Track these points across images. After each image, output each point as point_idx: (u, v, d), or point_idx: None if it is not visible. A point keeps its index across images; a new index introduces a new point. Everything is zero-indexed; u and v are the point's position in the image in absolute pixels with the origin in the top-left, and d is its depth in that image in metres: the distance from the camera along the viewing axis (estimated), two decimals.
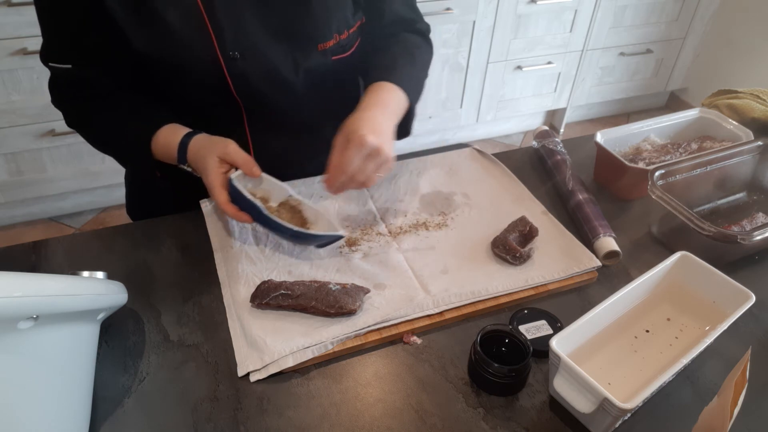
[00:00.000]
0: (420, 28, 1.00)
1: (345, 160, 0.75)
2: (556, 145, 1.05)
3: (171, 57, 0.82)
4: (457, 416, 0.65)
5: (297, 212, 0.86)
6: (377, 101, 0.83)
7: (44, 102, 1.80)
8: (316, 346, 0.69)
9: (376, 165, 0.76)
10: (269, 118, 0.93)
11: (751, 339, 0.76)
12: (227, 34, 0.81)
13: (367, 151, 0.75)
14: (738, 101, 1.14)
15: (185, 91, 0.88)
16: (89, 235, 0.88)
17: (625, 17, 2.50)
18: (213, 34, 0.80)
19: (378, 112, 0.81)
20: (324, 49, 0.88)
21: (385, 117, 0.81)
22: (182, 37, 0.79)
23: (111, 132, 0.89)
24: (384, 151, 0.76)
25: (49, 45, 0.83)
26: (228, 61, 0.83)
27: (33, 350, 0.53)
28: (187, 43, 0.80)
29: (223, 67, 0.83)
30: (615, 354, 0.70)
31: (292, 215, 0.85)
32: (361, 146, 0.74)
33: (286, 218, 0.82)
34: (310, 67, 0.89)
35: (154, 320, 0.74)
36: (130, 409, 0.64)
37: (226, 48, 0.82)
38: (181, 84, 0.87)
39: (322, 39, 0.87)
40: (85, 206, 2.17)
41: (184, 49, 0.81)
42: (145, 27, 0.79)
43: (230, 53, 0.82)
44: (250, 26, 0.82)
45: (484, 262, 0.83)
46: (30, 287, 0.50)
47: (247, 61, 0.84)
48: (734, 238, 0.78)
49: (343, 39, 0.90)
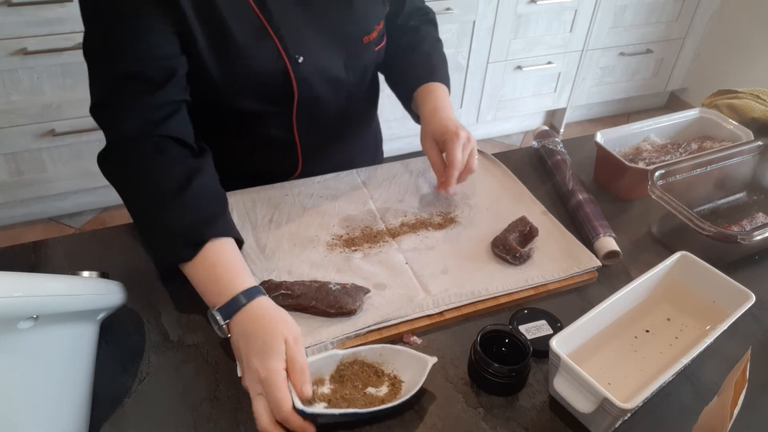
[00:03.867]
0: (432, 18, 1.08)
1: (453, 159, 0.86)
2: (556, 145, 1.05)
3: (243, 72, 0.82)
4: (457, 416, 0.65)
5: (362, 364, 0.68)
6: (439, 103, 0.94)
7: (44, 102, 1.80)
8: (316, 346, 0.69)
9: (472, 151, 0.88)
10: (316, 118, 0.94)
11: (751, 339, 0.76)
12: (287, 40, 0.82)
13: (463, 142, 0.86)
14: (738, 101, 1.14)
15: (243, 102, 0.86)
16: (89, 235, 0.88)
17: (625, 17, 2.50)
18: (277, 42, 0.81)
19: (446, 110, 0.93)
20: (369, 41, 0.91)
21: (450, 111, 0.93)
22: (252, 52, 0.80)
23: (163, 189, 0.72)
24: (472, 138, 0.89)
25: (113, 44, 0.73)
26: (294, 65, 0.84)
27: (33, 350, 0.53)
28: (257, 54, 0.81)
29: (290, 72, 0.84)
30: (615, 354, 0.70)
31: (360, 369, 0.68)
32: (458, 140, 0.86)
33: (351, 377, 0.66)
34: (358, 62, 0.93)
35: (154, 320, 0.74)
36: (130, 409, 0.64)
37: (290, 53, 0.83)
38: (242, 96, 0.85)
39: (366, 32, 0.90)
40: (85, 206, 2.17)
41: (255, 60, 0.81)
42: (221, 49, 0.79)
43: (295, 57, 0.84)
44: (305, 29, 0.84)
45: (484, 262, 0.83)
46: (30, 287, 0.50)
47: (308, 64, 0.85)
48: (734, 238, 0.78)
49: (381, 29, 0.94)
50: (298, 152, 0.97)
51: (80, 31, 0.74)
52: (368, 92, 1.04)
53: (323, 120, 0.96)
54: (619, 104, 2.92)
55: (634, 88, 2.78)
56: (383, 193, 0.95)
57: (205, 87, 0.82)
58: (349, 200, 0.93)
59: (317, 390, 0.65)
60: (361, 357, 0.68)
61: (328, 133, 0.99)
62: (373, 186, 0.97)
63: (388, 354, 0.68)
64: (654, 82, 2.81)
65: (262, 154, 0.97)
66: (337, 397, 0.64)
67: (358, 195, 0.95)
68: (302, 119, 0.93)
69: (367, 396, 0.65)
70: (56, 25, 1.68)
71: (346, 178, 0.98)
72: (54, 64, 1.75)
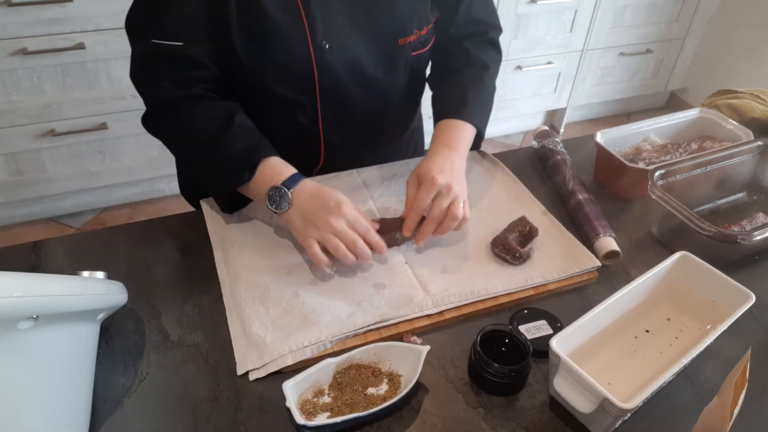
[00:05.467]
0: (492, 37, 1.00)
1: (418, 201, 0.81)
2: (556, 145, 1.04)
3: (268, 49, 0.82)
4: (457, 416, 0.65)
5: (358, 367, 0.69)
6: (447, 142, 0.88)
7: (44, 102, 1.80)
8: (315, 345, 0.70)
9: (448, 201, 0.81)
10: (342, 112, 0.94)
11: (751, 339, 0.76)
12: (318, 25, 0.82)
13: (437, 189, 0.81)
14: (738, 101, 1.14)
15: (267, 86, 0.87)
16: (89, 235, 0.88)
17: (625, 17, 2.50)
18: (306, 23, 0.82)
19: (448, 152, 0.86)
20: (404, 44, 0.90)
21: (455, 157, 0.86)
22: (280, 29, 0.81)
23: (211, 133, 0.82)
24: (453, 187, 0.81)
25: (156, 20, 0.79)
26: (317, 51, 0.84)
27: (33, 350, 0.53)
28: (284, 33, 0.81)
29: (312, 57, 0.84)
30: (615, 354, 0.70)
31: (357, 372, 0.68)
32: (431, 186, 0.80)
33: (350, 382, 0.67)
34: (391, 61, 0.92)
35: (154, 320, 0.74)
36: (130, 409, 0.64)
37: (317, 38, 0.83)
38: (267, 79, 0.86)
39: (403, 34, 0.89)
40: (85, 206, 2.17)
41: (282, 40, 0.82)
42: (253, 29, 0.80)
43: (321, 43, 0.83)
44: (339, 18, 0.84)
45: (484, 262, 0.83)
46: (30, 287, 0.50)
47: (334, 53, 0.85)
48: (734, 238, 0.78)
49: (423, 35, 0.92)
50: (321, 145, 0.97)
51: (80, 31, 0.75)
52: (407, 96, 1.01)
53: (352, 116, 0.96)
54: (619, 104, 2.92)
55: (634, 88, 2.78)
56: (383, 192, 0.95)
57: (236, 68, 0.84)
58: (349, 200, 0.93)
59: (318, 401, 0.65)
60: (356, 360, 0.68)
61: (358, 130, 0.99)
62: (373, 186, 0.97)
63: (381, 352, 0.69)
64: (654, 82, 2.81)
65: (285, 142, 0.95)
66: (339, 404, 0.64)
67: (358, 195, 0.94)
68: (328, 111, 0.92)
69: (369, 397, 0.65)
70: (56, 25, 1.68)
71: (346, 178, 0.98)
72: (54, 64, 1.74)
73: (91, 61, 1.77)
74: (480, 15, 0.98)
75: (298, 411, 0.61)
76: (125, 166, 2.04)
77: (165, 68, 0.82)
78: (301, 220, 0.78)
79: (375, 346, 0.69)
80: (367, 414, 0.62)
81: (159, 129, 0.88)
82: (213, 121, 0.83)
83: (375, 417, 0.64)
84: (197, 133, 0.83)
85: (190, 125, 0.84)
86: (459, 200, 0.81)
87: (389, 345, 0.69)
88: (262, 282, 0.78)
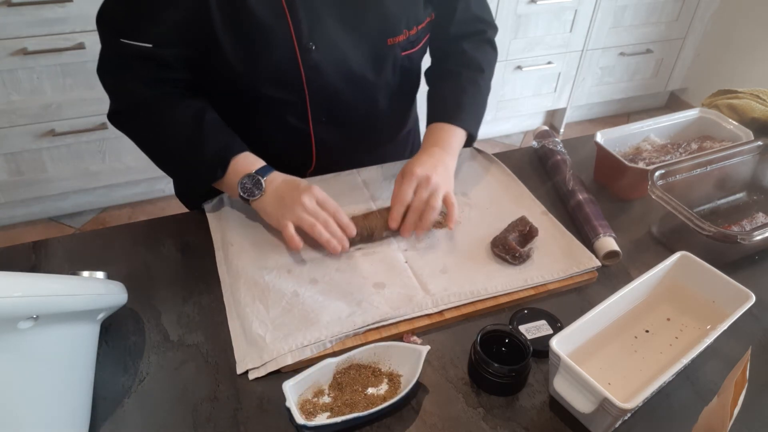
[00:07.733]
0: (489, 36, 1.02)
1: (400, 193, 0.83)
2: (556, 145, 1.04)
3: (255, 51, 0.82)
4: (457, 416, 0.65)
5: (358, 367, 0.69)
6: (437, 142, 0.91)
7: (44, 102, 1.80)
8: (315, 345, 0.70)
9: (428, 192, 0.83)
10: (333, 111, 0.94)
11: (751, 339, 0.76)
12: (304, 25, 0.82)
13: (417, 181, 0.84)
14: (738, 101, 1.14)
15: (257, 87, 0.87)
16: (89, 235, 0.88)
17: (625, 17, 2.50)
18: (291, 25, 0.81)
19: (436, 151, 0.89)
20: (393, 44, 0.90)
21: (442, 155, 0.89)
22: (266, 30, 0.81)
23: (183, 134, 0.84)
24: (433, 179, 0.84)
25: (128, 19, 0.79)
26: (303, 52, 0.84)
27: (33, 350, 0.53)
28: (269, 35, 0.81)
29: (299, 58, 0.84)
30: (615, 354, 0.70)
31: (357, 372, 0.68)
32: (411, 178, 0.84)
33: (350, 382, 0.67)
34: (379, 60, 0.91)
35: (154, 320, 0.74)
36: (130, 409, 0.64)
37: (303, 39, 0.83)
38: (256, 80, 0.86)
39: (392, 34, 0.89)
40: (85, 206, 2.17)
41: (267, 41, 0.82)
42: (238, 30, 0.80)
43: (307, 44, 0.83)
44: (326, 18, 0.84)
45: (484, 261, 0.83)
46: (30, 287, 0.50)
47: (320, 53, 0.85)
48: (734, 238, 0.78)
49: (413, 35, 0.92)
50: (312, 145, 0.97)
51: (80, 31, 0.75)
52: (398, 96, 1.01)
53: (343, 117, 0.95)
54: (619, 104, 2.92)
55: (634, 88, 2.78)
56: (383, 192, 0.95)
57: (224, 70, 0.84)
58: (349, 200, 0.93)
59: (318, 401, 0.65)
60: (356, 360, 0.68)
61: (351, 131, 0.99)
62: (373, 186, 0.97)
63: (381, 352, 0.69)
64: (654, 82, 2.81)
65: (276, 143, 0.96)
66: (339, 404, 0.64)
67: (358, 195, 0.95)
68: (318, 110, 0.92)
69: (369, 397, 0.65)
70: (56, 25, 1.68)
71: (346, 178, 0.98)
72: (54, 64, 1.75)
73: (91, 61, 1.77)
74: (479, 12, 1.00)
75: (298, 411, 0.61)
76: (125, 166, 2.04)
77: (134, 68, 0.82)
78: (274, 203, 0.81)
79: (375, 346, 0.69)
80: (367, 414, 0.62)
81: (127, 128, 0.88)
82: (183, 121, 0.84)
83: (375, 417, 0.64)
84: (167, 135, 0.85)
85: (160, 126, 0.85)
86: (439, 192, 0.83)
87: (389, 345, 0.69)
88: (262, 281, 0.78)
